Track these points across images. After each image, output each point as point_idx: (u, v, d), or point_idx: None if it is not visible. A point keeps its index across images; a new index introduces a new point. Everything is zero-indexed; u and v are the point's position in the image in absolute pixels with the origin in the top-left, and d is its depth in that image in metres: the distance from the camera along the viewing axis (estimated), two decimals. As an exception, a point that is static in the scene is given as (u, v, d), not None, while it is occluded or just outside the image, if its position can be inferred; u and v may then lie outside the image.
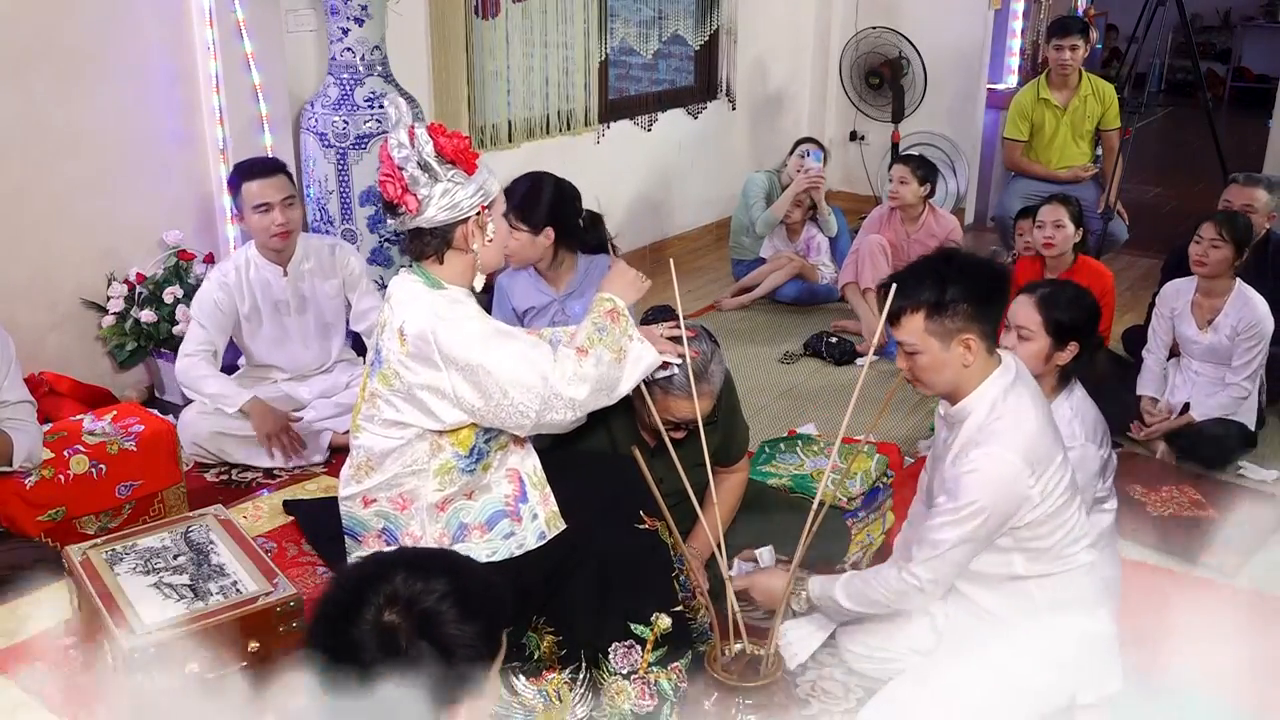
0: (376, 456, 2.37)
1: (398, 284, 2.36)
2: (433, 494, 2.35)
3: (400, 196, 2.24)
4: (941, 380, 2.32)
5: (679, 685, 2.38)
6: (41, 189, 3.65)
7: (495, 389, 2.24)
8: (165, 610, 2.21)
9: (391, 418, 2.32)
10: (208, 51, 3.94)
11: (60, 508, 2.98)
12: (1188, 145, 8.31)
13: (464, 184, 2.26)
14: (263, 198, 3.49)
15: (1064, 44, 5.33)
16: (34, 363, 3.59)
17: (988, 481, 2.22)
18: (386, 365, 2.30)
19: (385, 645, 1.38)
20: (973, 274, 2.28)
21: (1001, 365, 2.33)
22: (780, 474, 3.28)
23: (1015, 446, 2.22)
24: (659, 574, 2.43)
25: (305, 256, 3.68)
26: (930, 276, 2.27)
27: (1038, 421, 2.27)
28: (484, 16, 4.78)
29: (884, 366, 4.49)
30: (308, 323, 3.74)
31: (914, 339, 2.28)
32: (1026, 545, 2.29)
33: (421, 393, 2.27)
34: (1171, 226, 3.88)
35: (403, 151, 2.21)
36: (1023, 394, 2.30)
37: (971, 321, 2.25)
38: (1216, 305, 3.76)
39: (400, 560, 1.47)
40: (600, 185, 4.45)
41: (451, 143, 2.23)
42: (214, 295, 3.55)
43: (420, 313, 2.26)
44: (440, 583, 1.42)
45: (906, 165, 4.86)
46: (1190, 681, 2.47)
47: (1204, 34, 11.11)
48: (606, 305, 2.41)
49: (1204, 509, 3.42)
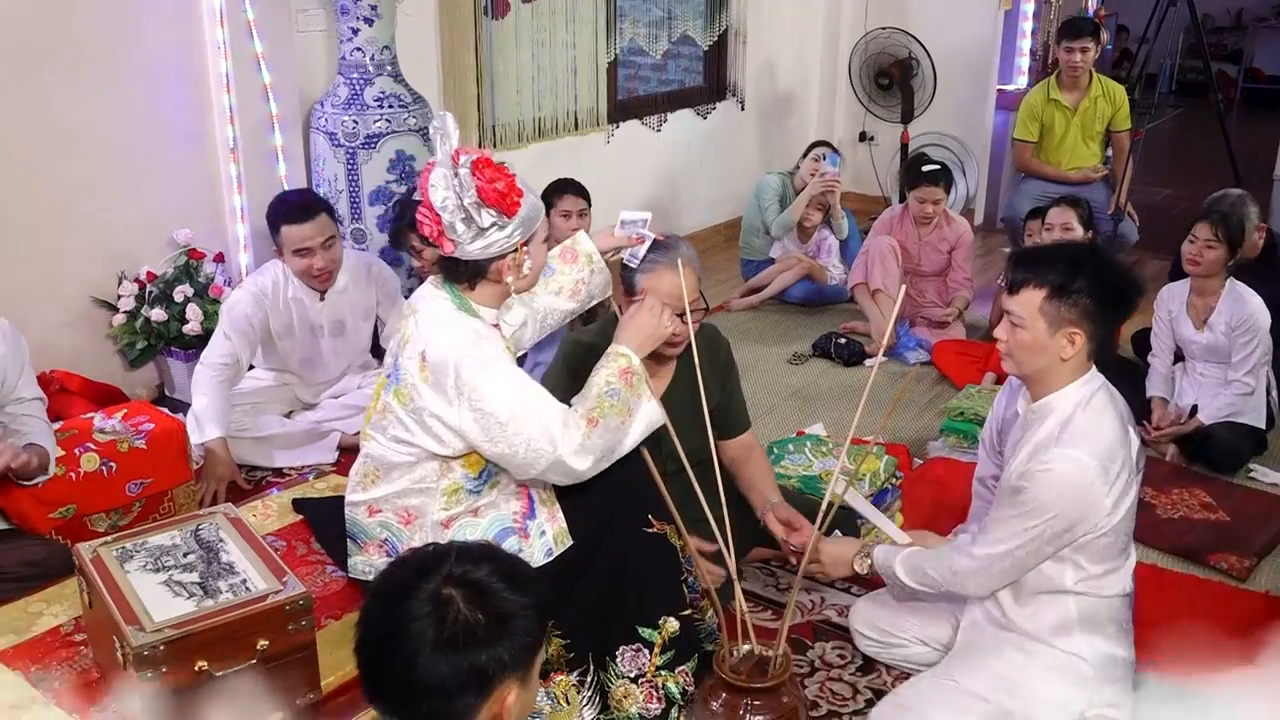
0: (384, 467, 2.36)
1: (424, 300, 2.33)
2: (438, 512, 2.34)
3: (437, 238, 2.21)
4: (1032, 364, 2.27)
5: (686, 689, 2.38)
6: (53, 188, 3.67)
7: (503, 439, 2.22)
8: (175, 608, 2.21)
9: (401, 435, 2.31)
10: (218, 51, 3.95)
11: (71, 505, 2.99)
12: (1199, 146, 8.27)
13: (504, 226, 2.21)
14: (302, 242, 3.44)
15: (1074, 46, 5.31)
16: (45, 361, 3.60)
17: (1061, 483, 2.18)
18: (403, 384, 2.28)
19: (442, 616, 1.41)
20: (1107, 275, 2.24)
21: (1091, 372, 2.29)
22: (789, 474, 3.29)
23: (1093, 451, 2.18)
24: (667, 577, 2.42)
25: (342, 279, 3.64)
26: (1065, 260, 2.23)
27: (1117, 433, 2.23)
28: (493, 17, 4.78)
29: (893, 368, 4.49)
30: (338, 349, 3.72)
31: (1025, 314, 2.23)
32: (1081, 560, 2.26)
33: (430, 419, 2.25)
34: (1182, 228, 3.86)
35: (443, 195, 2.15)
36: (1107, 404, 2.26)
37: (1086, 319, 2.21)
38: (1210, 304, 3.76)
39: (449, 548, 1.51)
40: (609, 185, 4.46)
41: (494, 187, 2.15)
42: (246, 309, 3.49)
43: (446, 342, 2.22)
44: (487, 565, 1.47)
45: (938, 186, 4.74)
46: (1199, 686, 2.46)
47: (1215, 35, 11.06)
48: (621, 363, 2.34)
49: (1214, 511, 3.41)
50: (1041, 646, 2.31)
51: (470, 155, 2.18)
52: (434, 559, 1.48)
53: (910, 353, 4.61)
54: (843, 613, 2.81)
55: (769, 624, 2.73)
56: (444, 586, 1.44)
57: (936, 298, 4.90)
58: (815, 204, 5.23)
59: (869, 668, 2.68)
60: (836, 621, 2.84)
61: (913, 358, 4.59)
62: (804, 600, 2.93)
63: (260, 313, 3.52)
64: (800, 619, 2.86)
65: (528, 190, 2.25)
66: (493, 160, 2.20)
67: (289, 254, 3.48)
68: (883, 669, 2.66)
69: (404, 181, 4.12)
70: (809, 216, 5.25)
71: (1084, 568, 2.27)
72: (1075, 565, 2.27)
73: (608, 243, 2.64)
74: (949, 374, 4.43)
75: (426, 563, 1.48)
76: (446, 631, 1.40)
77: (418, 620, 1.41)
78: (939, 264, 4.87)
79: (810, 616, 2.88)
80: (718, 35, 6.09)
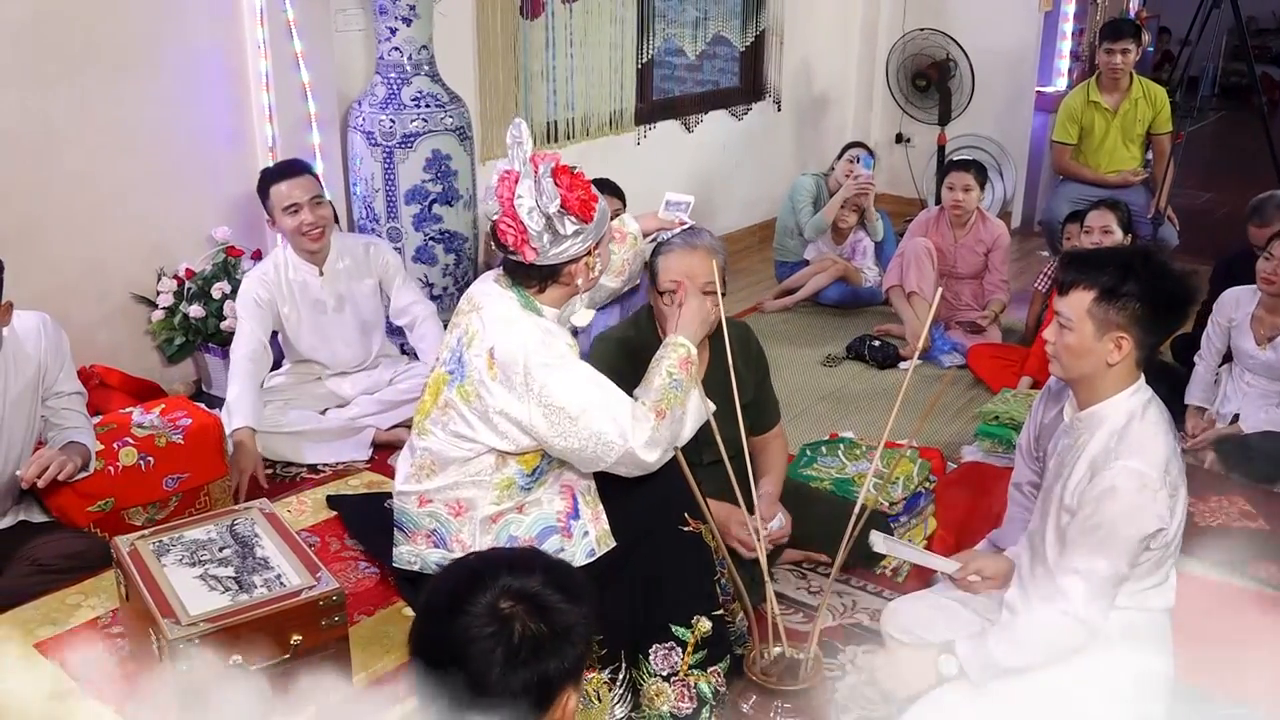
0: (441, 461, 2.37)
1: (489, 298, 2.34)
2: (489, 506, 2.36)
3: (519, 246, 2.23)
4: (1078, 368, 2.23)
5: (718, 689, 2.38)
6: (94, 185, 3.71)
7: (573, 434, 2.25)
8: (210, 601, 2.23)
9: (463, 431, 2.33)
10: (258, 50, 3.98)
11: (109, 499, 3.03)
12: (1241, 150, 8.17)
13: (582, 233, 2.25)
14: (290, 198, 3.52)
15: (1115, 48, 5.26)
16: (85, 356, 3.65)
17: (1126, 497, 2.11)
18: (469, 382, 2.29)
19: (508, 634, 1.39)
20: (1160, 281, 2.18)
21: (1140, 382, 2.24)
22: (821, 477, 3.27)
23: (1153, 462, 2.13)
24: (701, 576, 2.41)
25: (340, 256, 3.70)
26: (1117, 263, 2.19)
27: (1172, 445, 2.19)
28: (530, 17, 4.80)
29: (927, 371, 4.46)
30: (346, 321, 3.76)
31: (1073, 315, 2.19)
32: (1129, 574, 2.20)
33: (497, 416, 2.27)
34: (1223, 233, 3.81)
35: (528, 204, 2.19)
36: (1159, 417, 2.21)
37: (1135, 324, 2.16)
38: (1278, 323, 3.67)
39: (496, 557, 1.49)
40: (643, 185, 4.45)
41: (576, 195, 2.21)
42: (255, 292, 3.57)
43: (515, 340, 2.25)
44: (540, 575, 1.45)
45: (968, 172, 4.75)
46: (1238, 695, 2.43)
47: (1259, 37, 10.91)
48: (681, 353, 2.38)
49: (1253, 519, 3.36)
50: (1079, 659, 2.28)
51: (548, 162, 2.21)
52: (484, 569, 1.46)
53: (945, 356, 4.58)
54: (874, 616, 2.80)
55: (800, 627, 2.72)
56: (501, 600, 1.41)
57: (972, 300, 4.86)
58: (850, 206, 5.21)
59: (901, 672, 2.65)
60: (868, 625, 2.82)
61: (947, 361, 4.56)
62: (835, 603, 2.92)
63: (268, 294, 3.59)
64: (832, 622, 2.84)
65: (600, 195, 2.30)
66: (567, 166, 2.25)
67: (280, 214, 3.55)
68: (915, 674, 2.64)
69: (439, 181, 4.14)
70: (844, 218, 5.23)
71: (1131, 582, 2.23)
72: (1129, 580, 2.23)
73: (652, 224, 2.75)
74: (984, 377, 4.40)
75: (478, 573, 1.45)
76: (513, 649, 1.38)
77: (481, 640, 1.39)
78: (975, 266, 4.83)
79: (842, 620, 2.87)
80: (754, 36, 6.08)
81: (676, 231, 2.72)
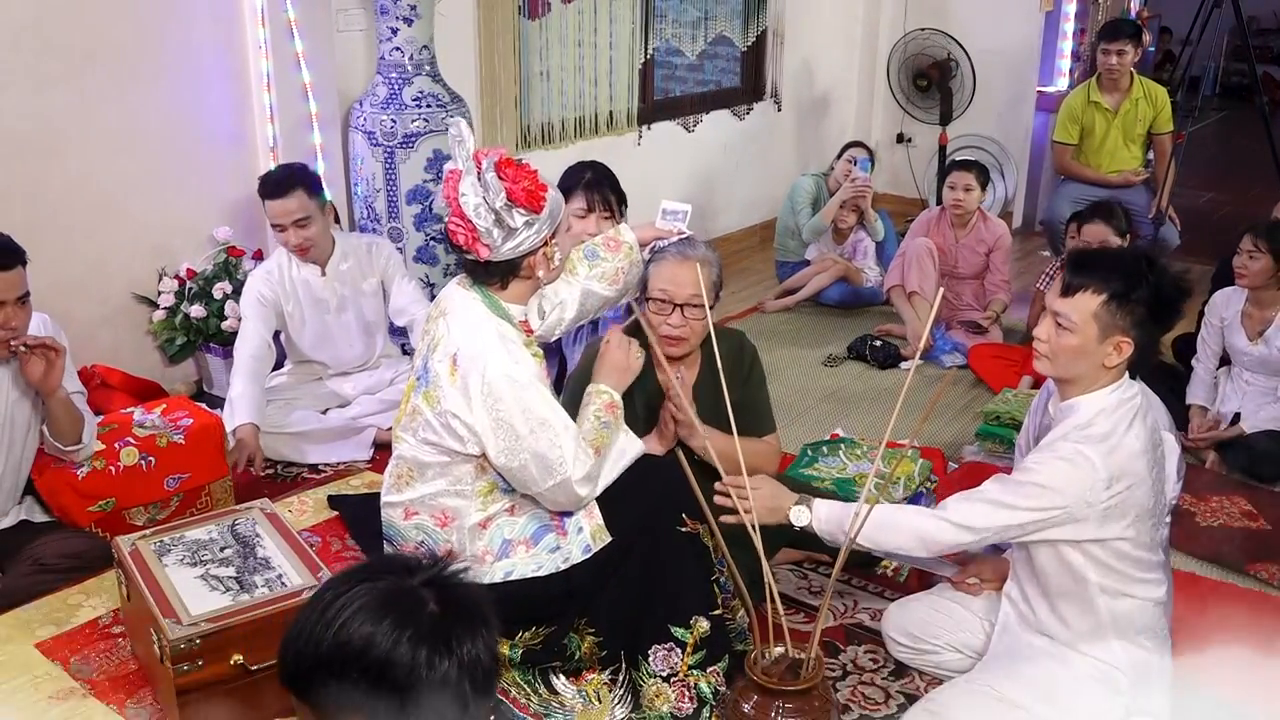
0: (417, 468, 2.38)
1: (454, 301, 2.35)
2: (475, 514, 2.37)
3: (472, 245, 2.24)
4: (1072, 367, 2.23)
5: (718, 689, 2.38)
6: (95, 185, 3.71)
7: (518, 452, 2.26)
8: (211, 601, 2.24)
9: (429, 437, 2.34)
10: (259, 50, 3.98)
11: (110, 499, 3.03)
12: (1242, 150, 8.17)
13: (533, 224, 2.25)
14: (274, 219, 3.55)
15: (1112, 48, 5.26)
16: (86, 355, 3.65)
17: (1061, 466, 2.16)
18: (432, 386, 2.31)
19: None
20: (1165, 286, 2.19)
21: (1124, 381, 2.25)
22: (822, 477, 3.27)
23: (1102, 453, 2.16)
24: (700, 577, 2.42)
25: (343, 257, 3.69)
26: (1126, 267, 2.19)
27: (1134, 449, 2.19)
28: (531, 17, 4.80)
29: (929, 371, 4.46)
30: (348, 321, 3.76)
31: (1077, 318, 2.18)
32: (1100, 555, 2.23)
33: (453, 420, 2.29)
34: (1224, 233, 3.81)
35: (472, 201, 2.19)
36: (1134, 418, 2.22)
37: (1137, 327, 2.17)
38: (1267, 317, 3.69)
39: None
40: (643, 186, 4.45)
41: (521, 186, 2.21)
42: (259, 290, 3.58)
43: (478, 347, 2.26)
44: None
45: (969, 171, 4.75)
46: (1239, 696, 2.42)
47: (1261, 37, 10.89)
48: (604, 399, 2.42)
49: (1254, 520, 3.36)
50: (1075, 655, 2.29)
51: (491, 157, 2.21)
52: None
53: (946, 356, 4.58)
54: (875, 617, 2.80)
55: (801, 626, 2.72)
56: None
57: (973, 300, 4.86)
58: (849, 206, 5.21)
59: (901, 672, 2.66)
60: (869, 625, 2.82)
61: (949, 361, 4.55)
62: (836, 604, 2.92)
63: (271, 292, 3.59)
64: (833, 622, 2.84)
65: (549, 184, 2.30)
66: (512, 159, 2.24)
67: (271, 227, 3.56)
68: (915, 674, 2.64)
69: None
70: (844, 218, 5.23)
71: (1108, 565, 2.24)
72: (1097, 563, 2.24)
73: (649, 234, 2.73)
74: (985, 378, 4.39)
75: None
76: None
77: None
78: (976, 266, 4.83)
79: (843, 620, 2.87)
80: (755, 36, 6.08)
81: (673, 240, 2.71)
